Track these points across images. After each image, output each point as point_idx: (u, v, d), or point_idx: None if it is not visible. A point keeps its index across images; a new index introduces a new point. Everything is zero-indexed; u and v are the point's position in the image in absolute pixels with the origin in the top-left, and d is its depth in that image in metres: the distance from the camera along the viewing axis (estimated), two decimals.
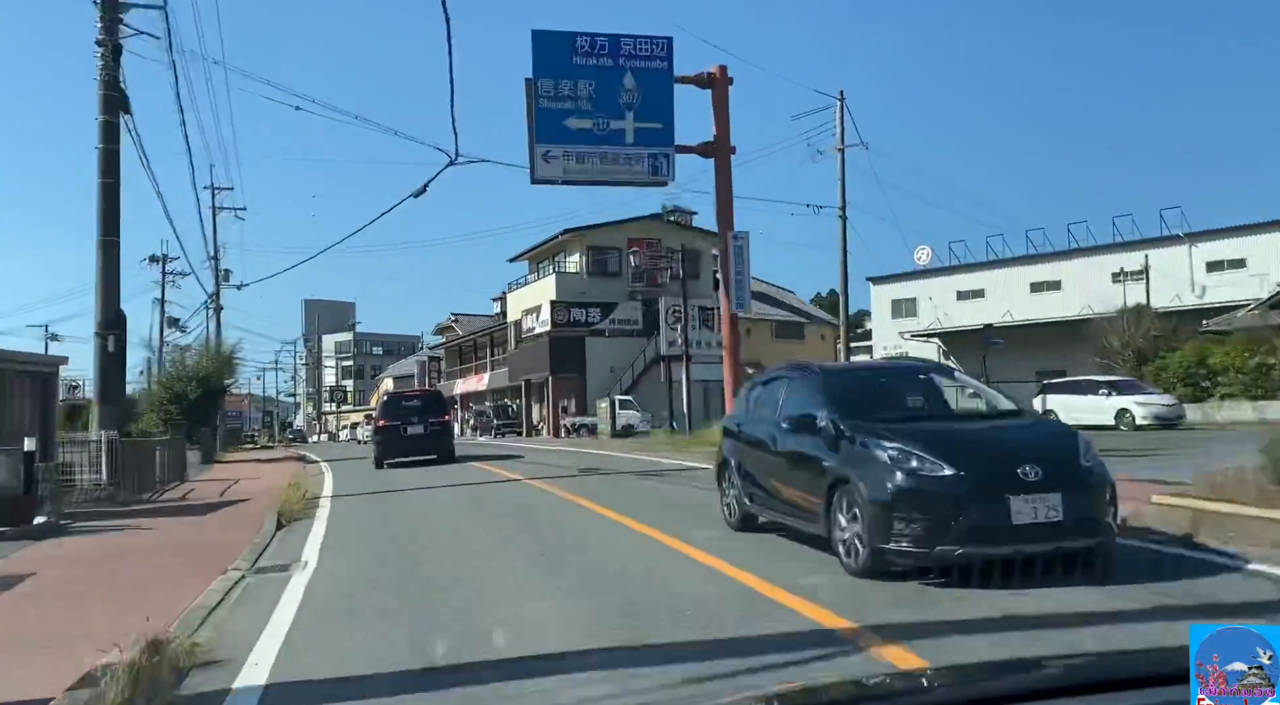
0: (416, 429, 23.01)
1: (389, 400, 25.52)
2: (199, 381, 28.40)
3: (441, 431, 23.63)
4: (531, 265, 50.60)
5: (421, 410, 23.57)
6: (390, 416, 23.51)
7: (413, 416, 23.11)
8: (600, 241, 44.26)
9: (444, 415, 24.62)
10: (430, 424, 23.30)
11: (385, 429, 23.13)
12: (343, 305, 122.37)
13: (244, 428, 55.19)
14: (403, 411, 23.55)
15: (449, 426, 24.88)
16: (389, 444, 22.99)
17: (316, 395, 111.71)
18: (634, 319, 43.06)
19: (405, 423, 22.99)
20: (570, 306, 42.20)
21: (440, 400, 26.04)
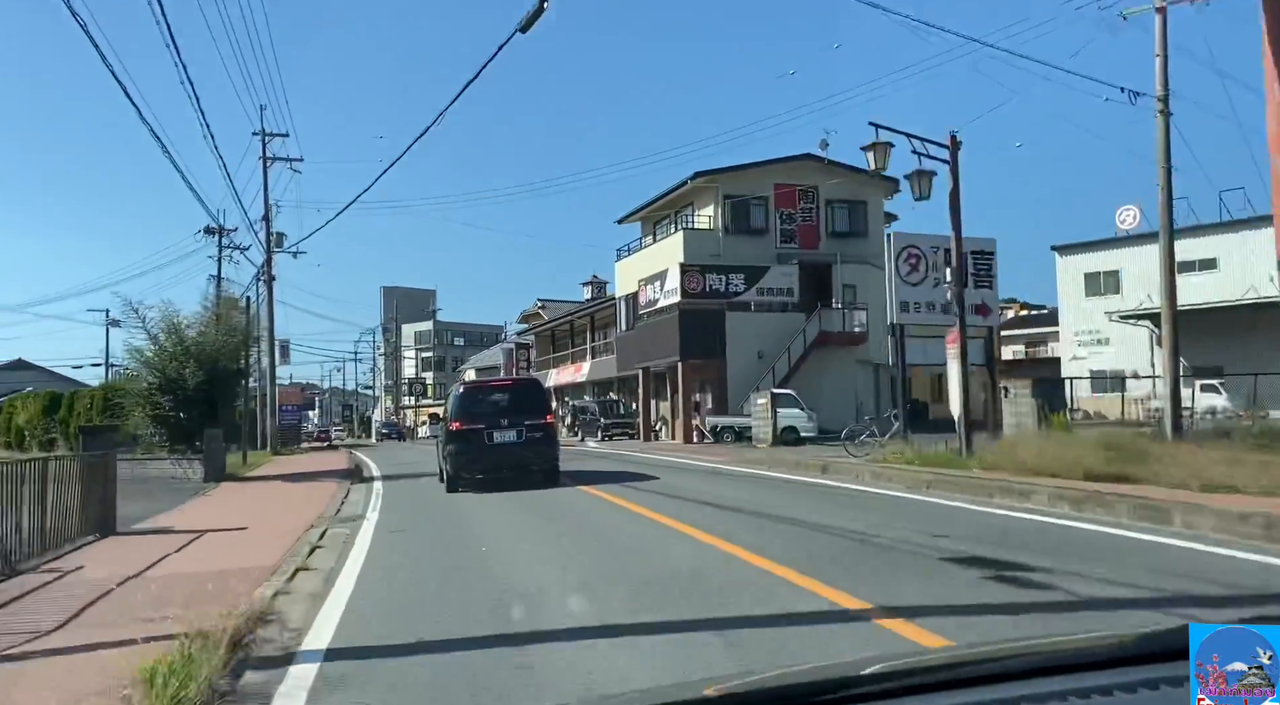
0: (506, 434, 15.84)
1: (466, 393, 17.39)
2: (200, 361, 19.63)
3: (543, 440, 16.20)
4: (645, 228, 41.15)
5: (512, 407, 16.27)
6: (468, 416, 16.08)
7: (500, 417, 15.95)
8: (740, 188, 34.58)
9: (545, 414, 16.84)
10: (526, 428, 16.01)
11: (460, 435, 15.84)
12: (423, 293, 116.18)
13: (301, 424, 47.20)
14: (486, 409, 16.30)
15: (552, 432, 16.99)
16: (466, 458, 15.88)
17: (395, 388, 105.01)
18: (787, 288, 33.21)
19: (490, 426, 15.82)
20: (706, 271, 32.59)
21: (539, 392, 18.02)
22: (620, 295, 40.65)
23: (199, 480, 19.81)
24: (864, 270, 35.40)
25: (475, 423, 15.79)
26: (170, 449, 20.65)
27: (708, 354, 32.68)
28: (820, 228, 35.90)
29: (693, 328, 32.54)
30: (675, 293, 32.62)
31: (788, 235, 35.52)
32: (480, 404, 16.53)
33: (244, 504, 15.14)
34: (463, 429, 15.75)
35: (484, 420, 15.79)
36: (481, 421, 15.77)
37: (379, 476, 21.24)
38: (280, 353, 44.76)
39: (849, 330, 33.34)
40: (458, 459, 15.72)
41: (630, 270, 39.39)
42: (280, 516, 12.76)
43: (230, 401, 20.75)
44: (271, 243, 42.16)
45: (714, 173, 34.54)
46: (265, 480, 20.09)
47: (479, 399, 16.74)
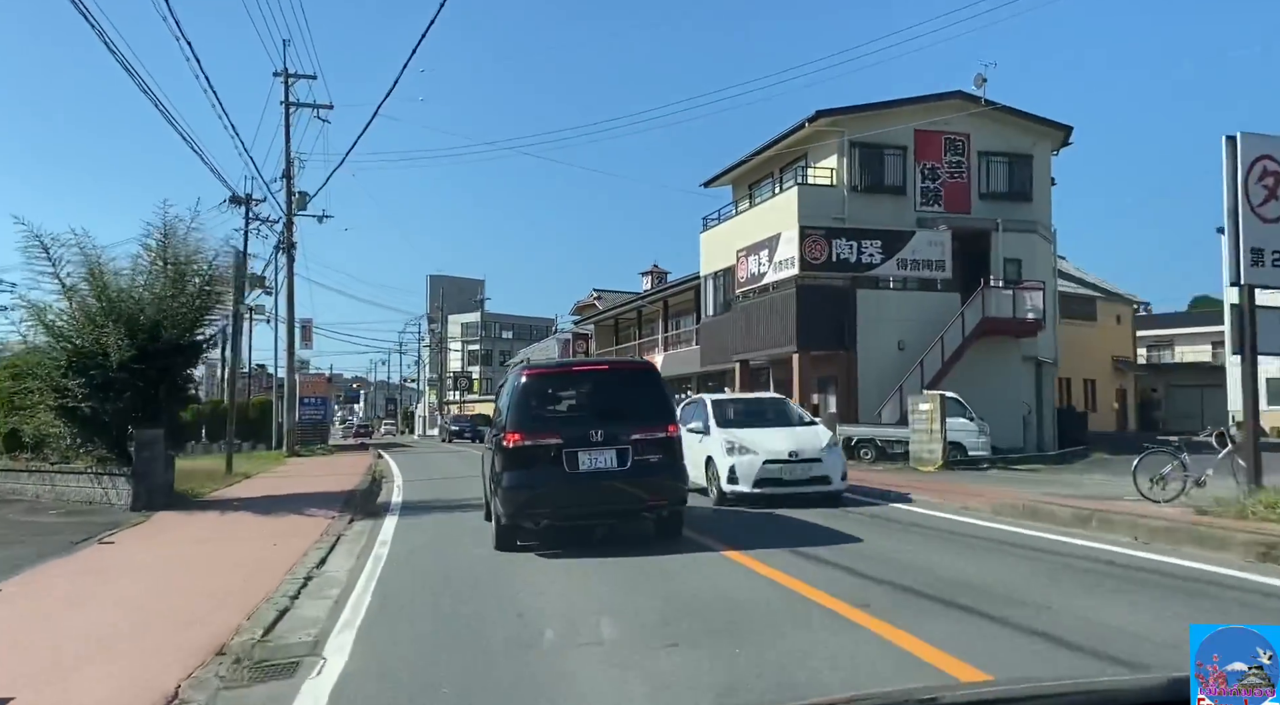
0: (600, 457, 9.12)
1: (533, 383, 9.85)
2: (133, 326, 12.92)
3: (662, 465, 9.36)
4: (739, 191, 33.94)
5: (609, 409, 9.62)
6: (535, 424, 9.32)
7: (590, 425, 9.21)
8: (870, 135, 27.27)
9: (664, 421, 9.67)
10: (635, 445, 9.24)
11: (521, 456, 9.10)
12: (471, 283, 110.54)
13: (326, 420, 40.88)
14: (565, 412, 9.79)
15: (676, 451, 9.67)
16: (529, 495, 9.08)
17: (439, 382, 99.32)
18: (937, 259, 25.80)
19: (572, 441, 9.05)
20: (832, 235, 25.24)
21: (654, 384, 10.38)
22: (706, 273, 33.50)
23: (124, 507, 13.12)
24: (1029, 241, 27.91)
25: (547, 435, 9.04)
26: (87, 457, 13.98)
27: (832, 343, 25.43)
28: (972, 186, 28.41)
29: (813, 308, 25.32)
30: (791, 263, 25.40)
31: (930, 195, 28.09)
32: (555, 402, 9.74)
33: (126, 580, 8.29)
34: (525, 445, 9.00)
35: (562, 430, 9.10)
36: (558, 433, 9.05)
37: (397, 505, 14.43)
38: (301, 335, 38.44)
39: (1020, 317, 25.83)
40: (516, 497, 8.97)
41: (720, 242, 32.20)
42: (149, 632, 5.89)
43: (178, 389, 13.96)
44: (293, 203, 35.91)
45: (839, 113, 27.26)
46: (226, 511, 13.34)
47: (553, 394, 9.81)
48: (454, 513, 13.14)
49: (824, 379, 26.18)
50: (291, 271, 36.02)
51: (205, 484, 17.65)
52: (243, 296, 18.93)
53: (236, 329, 21.24)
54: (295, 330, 36.74)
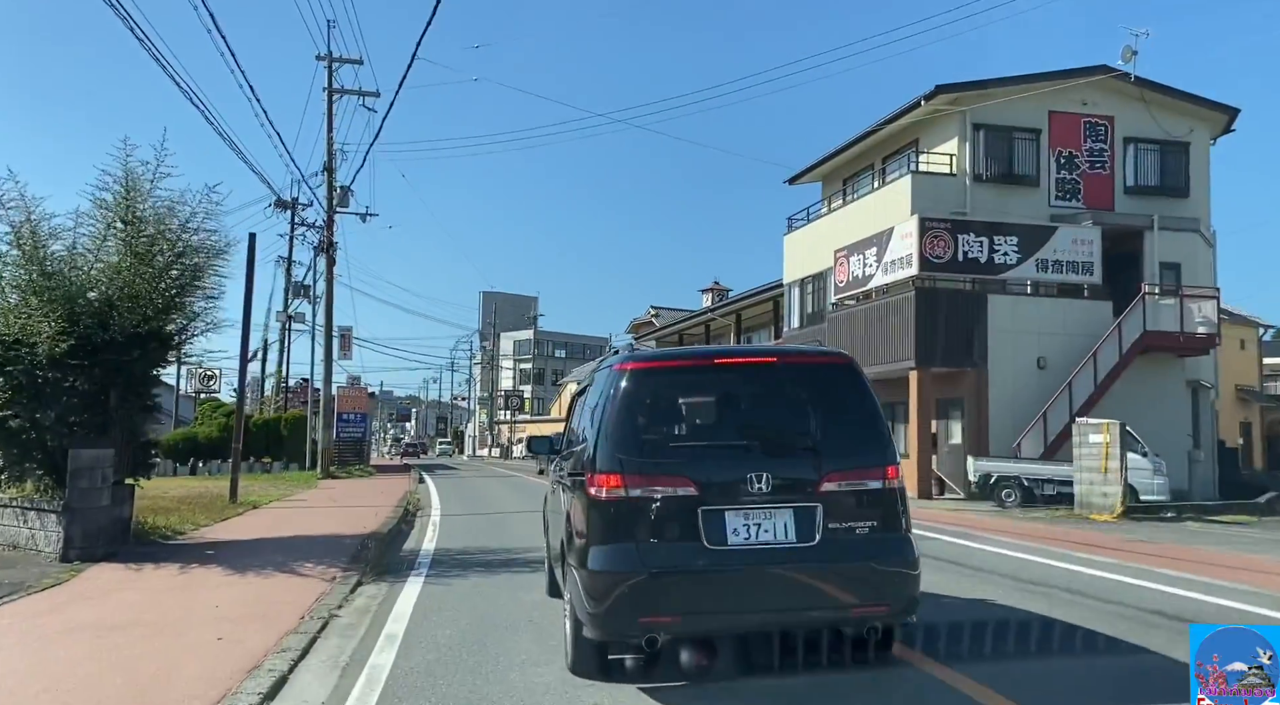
0: (766, 521, 4.70)
1: (641, 383, 5.32)
2: (73, 307, 9.34)
3: (876, 537, 4.94)
4: (830, 186, 29.98)
5: (778, 433, 5.22)
6: (645, 458, 4.91)
7: (748, 462, 4.87)
8: (996, 116, 23.14)
9: (881, 462, 5.11)
10: (826, 500, 4.80)
11: (622, 510, 4.72)
12: (524, 300, 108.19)
13: (365, 436, 37.60)
14: (701, 437, 5.15)
15: (897, 507, 5.09)
16: (639, 588, 4.61)
17: (490, 401, 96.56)
18: (1084, 261, 21.54)
19: (714, 494, 4.67)
20: (958, 230, 21.14)
21: (857, 389, 5.49)
22: (791, 280, 29.54)
23: (53, 555, 9.54)
24: (1189, 242, 23.49)
25: (669, 478, 4.97)
26: (18, 486, 10.42)
27: (957, 358, 21.23)
28: (1116, 178, 24.10)
29: (935, 316, 21.20)
30: (907, 262, 21.32)
31: (1067, 187, 23.85)
32: (682, 420, 5.38)
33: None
34: (630, 497, 4.96)
35: (697, 471, 4.99)
36: (688, 476, 4.96)
37: (426, 557, 10.69)
38: (339, 344, 35.22)
39: (1190, 332, 21.37)
40: (612, 590, 4.86)
41: (808, 244, 28.27)
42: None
43: (136, 393, 10.37)
44: (334, 199, 32.77)
45: (960, 88, 23.21)
46: (190, 564, 9.68)
47: (678, 407, 5.39)
48: (502, 574, 9.36)
49: (946, 402, 21.97)
50: (331, 275, 32.90)
51: (196, 517, 14.15)
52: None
53: (245, 329, 17.80)
54: (334, 339, 33.51)
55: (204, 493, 19.45)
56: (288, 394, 42.20)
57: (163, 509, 14.95)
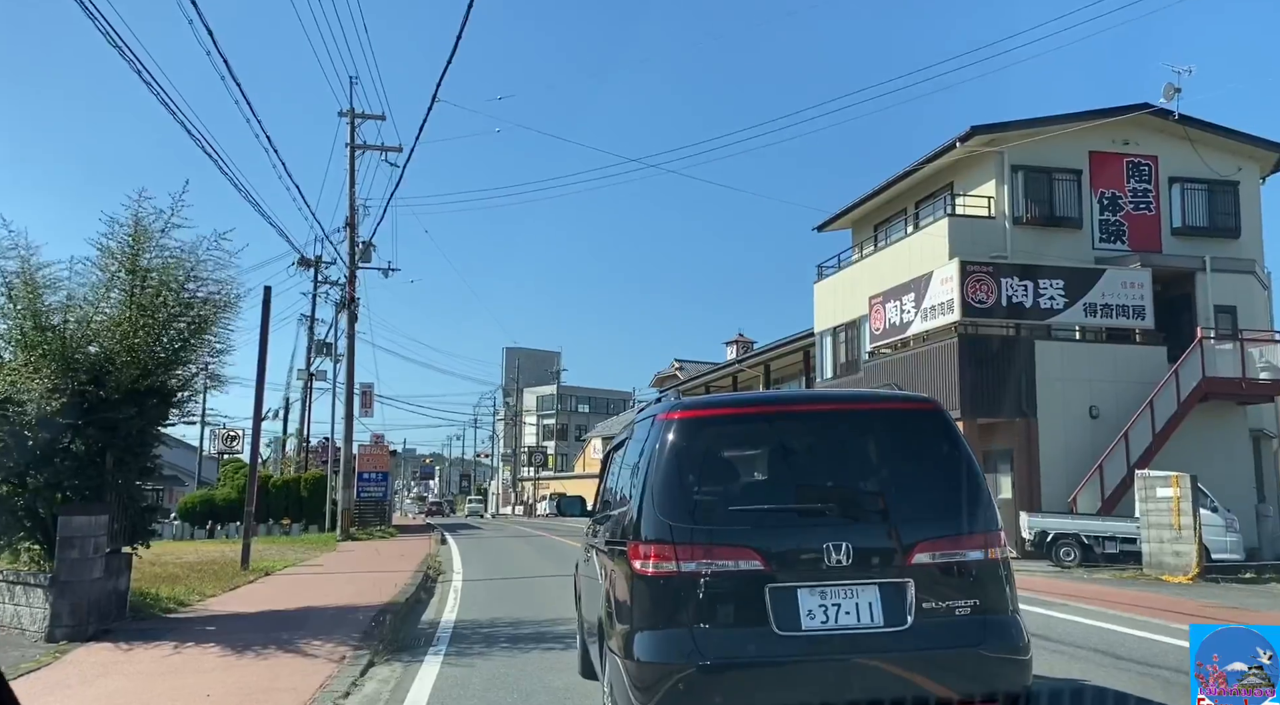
0: (848, 600, 3.86)
1: (690, 436, 4.42)
2: (67, 367, 8.67)
3: (977, 619, 3.99)
4: (860, 233, 29.29)
5: (857, 495, 4.31)
6: (698, 525, 4.00)
7: (825, 530, 3.96)
8: (1035, 157, 22.43)
9: (981, 527, 4.18)
10: (918, 575, 3.94)
11: (672, 587, 3.81)
12: (547, 355, 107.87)
13: (386, 496, 36.76)
14: (763, 500, 4.29)
15: (1001, 579, 4.20)
16: (695, 680, 3.61)
17: (514, 458, 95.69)
18: (1135, 305, 20.60)
19: (784, 567, 3.85)
20: (1001, 273, 20.29)
21: (948, 441, 4.53)
22: (822, 328, 28.71)
23: (38, 634, 8.73)
24: (1245, 284, 22.52)
25: (729, 549, 4.09)
26: (6, 555, 9.66)
27: (1006, 408, 20.19)
28: (1162, 219, 23.23)
29: (980, 364, 20.24)
30: (948, 308, 20.44)
31: (1111, 229, 22.99)
32: (739, 478, 4.65)
33: None
34: (683, 573, 4.06)
35: (762, 540, 4.12)
36: (752, 546, 4.09)
37: (446, 630, 9.81)
38: (361, 402, 34.59)
39: (1252, 377, 20.26)
40: (663, 682, 3.94)
41: (840, 291, 27.49)
42: None
43: (135, 455, 9.63)
44: (355, 254, 32.44)
45: (997, 129, 22.53)
46: (187, 642, 8.84)
47: (734, 463, 4.71)
48: (530, 651, 8.44)
49: (993, 455, 20.88)
50: (352, 331, 32.44)
51: (204, 585, 13.35)
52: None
53: (260, 385, 17.12)
54: (355, 397, 32.90)
55: (217, 558, 18.67)
56: (308, 453, 41.54)
57: (170, 577, 14.18)
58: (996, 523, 4.39)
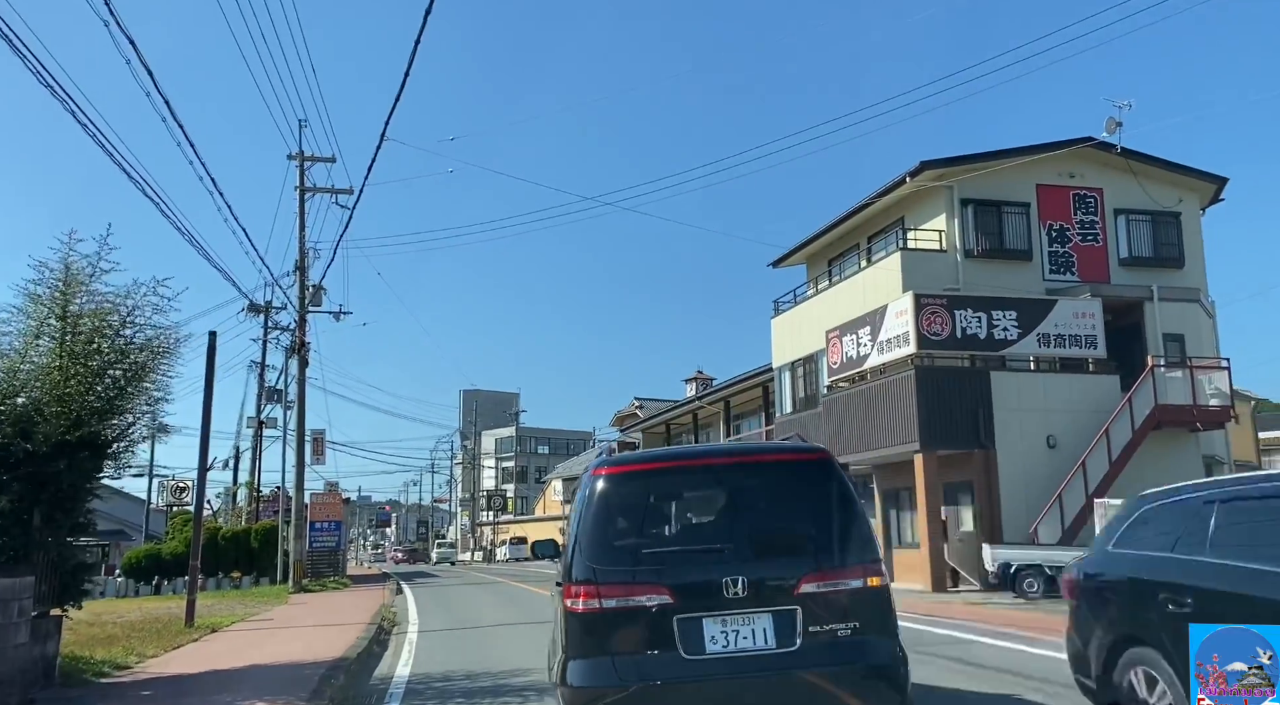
0: (745, 626, 4.68)
1: (614, 488, 5.19)
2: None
3: (859, 640, 4.74)
4: (815, 268, 29.51)
5: (754, 535, 5.07)
6: (618, 565, 4.81)
7: (725, 566, 4.75)
8: (983, 190, 22.82)
9: (863, 561, 4.98)
10: (806, 603, 4.73)
11: (596, 622, 4.63)
12: (505, 396, 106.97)
13: (339, 546, 35.87)
14: (676, 541, 5.28)
15: (883, 607, 4.98)
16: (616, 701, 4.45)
17: (473, 502, 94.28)
18: (1087, 335, 20.86)
19: (690, 600, 4.67)
20: (955, 305, 20.46)
21: (834, 486, 5.27)
22: (781, 363, 28.74)
23: None
24: (1191, 313, 22.93)
25: (643, 587, 4.86)
26: None
27: (964, 439, 20.25)
28: (1109, 250, 23.67)
29: (938, 396, 20.31)
30: (904, 341, 20.53)
31: (1060, 261, 23.36)
32: (657, 523, 5.53)
33: None
34: (604, 609, 4.85)
35: (671, 578, 4.91)
36: (662, 583, 4.86)
37: (399, 687, 9.38)
38: (312, 449, 33.82)
39: (1204, 404, 20.55)
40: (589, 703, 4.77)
41: (797, 326, 27.60)
42: None
43: (66, 511, 9.16)
44: (306, 298, 31.91)
45: (946, 164, 22.88)
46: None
47: (651, 509, 5.48)
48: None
49: (953, 487, 20.88)
50: (303, 377, 31.78)
51: (144, 645, 12.74)
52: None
53: (205, 434, 16.54)
54: (306, 444, 32.16)
55: (162, 615, 17.96)
56: (259, 503, 40.51)
57: (108, 638, 13.54)
58: (875, 556, 5.07)
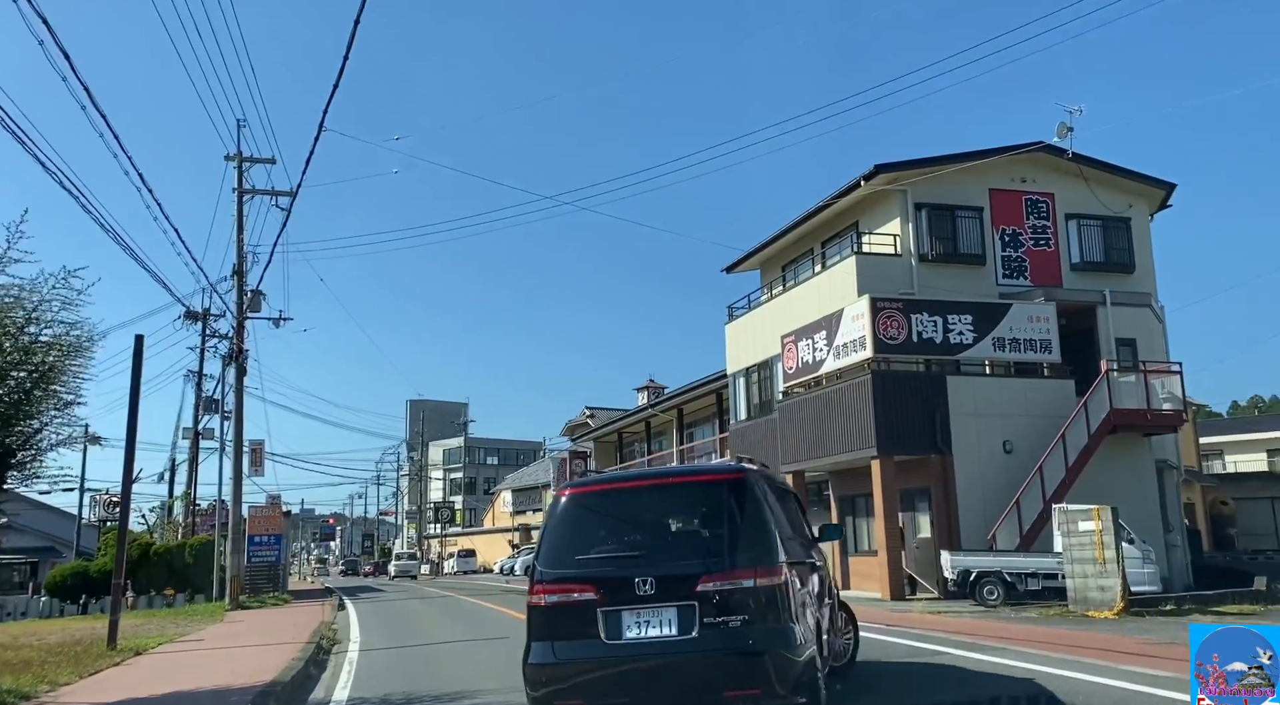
0: (653, 618, 5.88)
1: (569, 506, 6.54)
2: None
3: (748, 630, 5.81)
4: (769, 273, 29.28)
5: (670, 543, 6.52)
6: (563, 569, 6.20)
7: (639, 570, 5.95)
8: (937, 195, 22.79)
9: (753, 563, 5.88)
10: (703, 601, 5.84)
11: (546, 614, 6.12)
12: (453, 406, 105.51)
13: (279, 560, 34.66)
14: (611, 550, 6.33)
15: (772, 603, 5.85)
16: (553, 676, 5.95)
17: (420, 514, 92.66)
18: (1042, 339, 20.82)
19: (612, 596, 5.93)
20: (911, 309, 20.28)
21: (737, 502, 6.27)
22: (735, 370, 28.42)
23: None
24: (1142, 318, 23.07)
25: (577, 585, 6.11)
26: None
27: (921, 445, 20.04)
28: (1061, 255, 23.73)
29: (895, 401, 20.08)
30: (860, 345, 20.29)
31: (1013, 265, 23.36)
32: (600, 535, 6.52)
33: None
34: (550, 602, 6.16)
35: (599, 579, 6.11)
36: (593, 582, 6.09)
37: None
38: (250, 460, 32.68)
39: (1157, 408, 20.61)
40: (536, 677, 6.04)
41: (752, 332, 27.32)
42: None
43: None
44: (244, 304, 30.82)
45: (900, 168, 22.75)
46: None
47: (599, 524, 6.57)
48: None
49: (911, 493, 20.65)
50: (240, 385, 30.61)
51: (57, 672, 11.85)
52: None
53: (130, 441, 15.59)
54: (244, 455, 31.01)
55: (85, 637, 16.95)
56: (194, 517, 39.13)
57: (20, 664, 12.58)
58: (771, 560, 5.92)
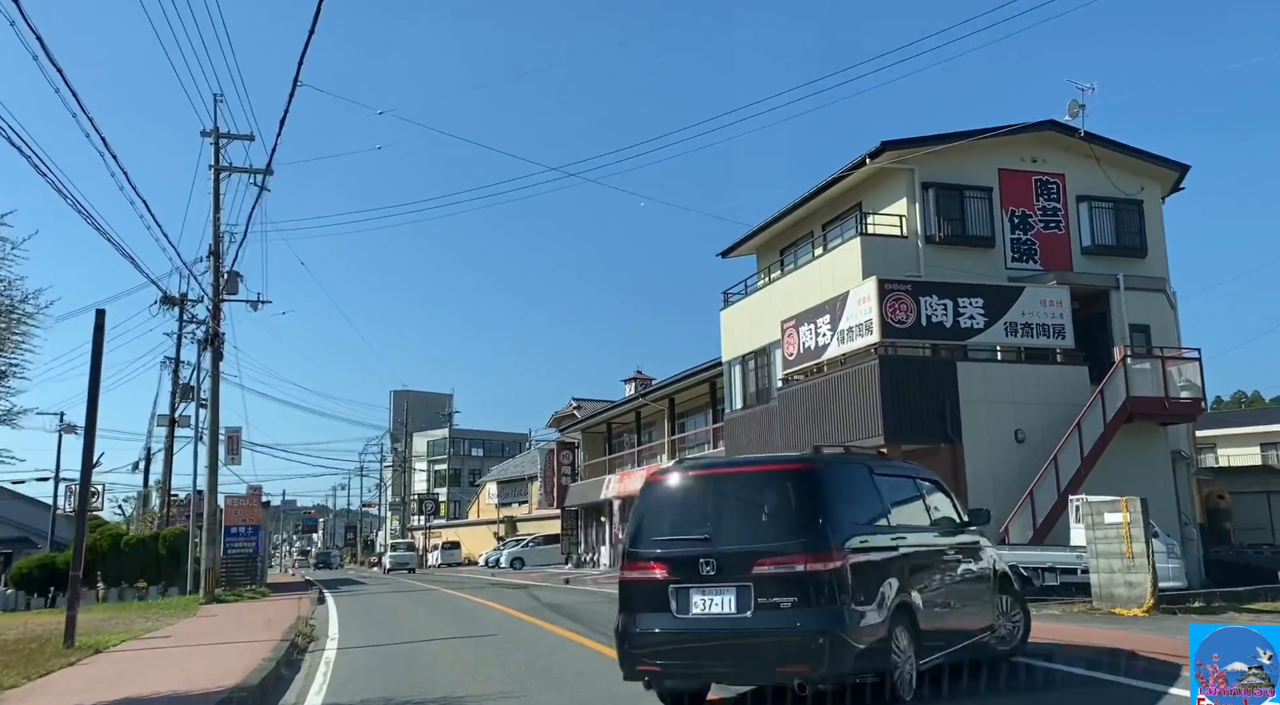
0: (715, 597, 6.45)
1: (649, 493, 7.14)
2: None
3: (797, 611, 6.18)
4: (766, 257, 28.40)
5: (733, 529, 6.75)
6: (643, 550, 6.95)
7: (704, 553, 6.52)
8: (945, 174, 21.92)
9: (803, 549, 6.22)
10: (757, 581, 6.33)
11: (629, 589, 6.90)
12: (437, 397, 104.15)
13: (257, 552, 33.51)
14: (683, 534, 6.84)
15: (821, 588, 6.12)
16: (633, 644, 6.72)
17: (403, 506, 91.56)
18: (1055, 324, 20.03)
19: (681, 576, 6.60)
20: (920, 292, 19.42)
21: (797, 491, 6.63)
22: (731, 357, 27.54)
23: None
24: (1156, 303, 22.29)
25: (652, 565, 6.77)
26: None
27: (930, 433, 19.21)
28: (1072, 238, 22.95)
29: (902, 387, 19.23)
30: (866, 329, 19.43)
31: (1023, 248, 22.56)
32: (675, 520, 6.94)
33: None
34: (632, 579, 6.90)
35: (671, 560, 6.70)
36: (665, 563, 6.71)
37: None
38: (227, 448, 31.59)
39: (1175, 396, 19.84)
40: (621, 646, 6.80)
41: (749, 318, 26.43)
42: None
43: None
44: (220, 286, 29.69)
45: (907, 145, 21.89)
46: None
47: (675, 509, 7.06)
48: None
49: None
50: (216, 370, 29.52)
51: (8, 671, 10.87)
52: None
53: (91, 424, 14.53)
54: (220, 443, 29.92)
55: (45, 632, 15.94)
56: (169, 507, 38.01)
57: None
58: (823, 546, 6.21)
